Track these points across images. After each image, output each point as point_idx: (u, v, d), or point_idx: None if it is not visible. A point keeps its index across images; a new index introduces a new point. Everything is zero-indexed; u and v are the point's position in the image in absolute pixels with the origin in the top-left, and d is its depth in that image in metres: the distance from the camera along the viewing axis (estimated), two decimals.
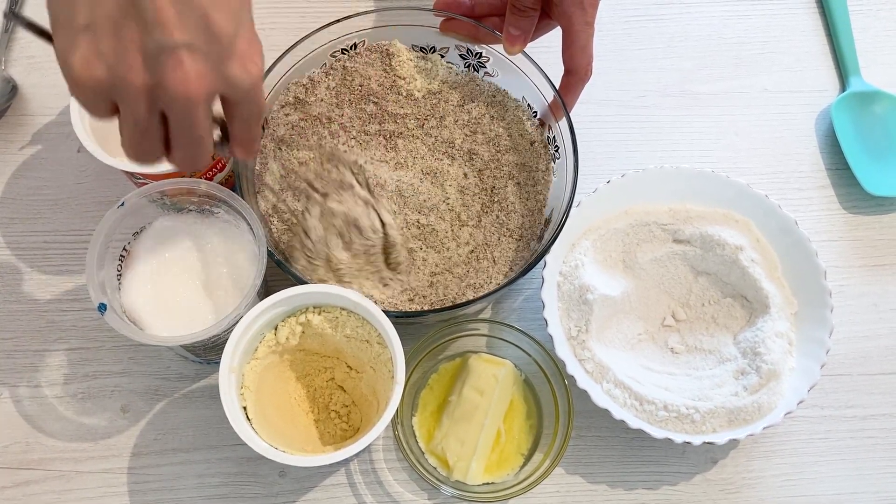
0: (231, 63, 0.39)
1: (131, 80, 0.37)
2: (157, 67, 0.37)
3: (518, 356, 0.60)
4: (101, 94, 0.38)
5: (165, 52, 0.37)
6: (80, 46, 0.37)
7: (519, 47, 0.60)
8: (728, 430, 0.57)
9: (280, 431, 0.54)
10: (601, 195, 0.63)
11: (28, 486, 0.58)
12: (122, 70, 0.37)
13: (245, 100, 0.41)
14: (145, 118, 0.39)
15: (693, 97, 0.73)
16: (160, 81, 0.37)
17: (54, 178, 0.67)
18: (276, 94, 0.62)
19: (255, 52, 0.41)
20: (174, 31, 0.37)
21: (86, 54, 0.37)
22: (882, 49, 0.76)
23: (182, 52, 0.37)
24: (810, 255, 0.61)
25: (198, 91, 0.38)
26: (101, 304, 0.51)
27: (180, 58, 0.37)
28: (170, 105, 0.38)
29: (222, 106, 0.42)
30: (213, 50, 0.38)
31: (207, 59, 0.38)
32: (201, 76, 0.38)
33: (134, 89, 0.37)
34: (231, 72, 0.39)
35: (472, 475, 0.56)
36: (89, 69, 0.37)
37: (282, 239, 0.59)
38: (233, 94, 0.40)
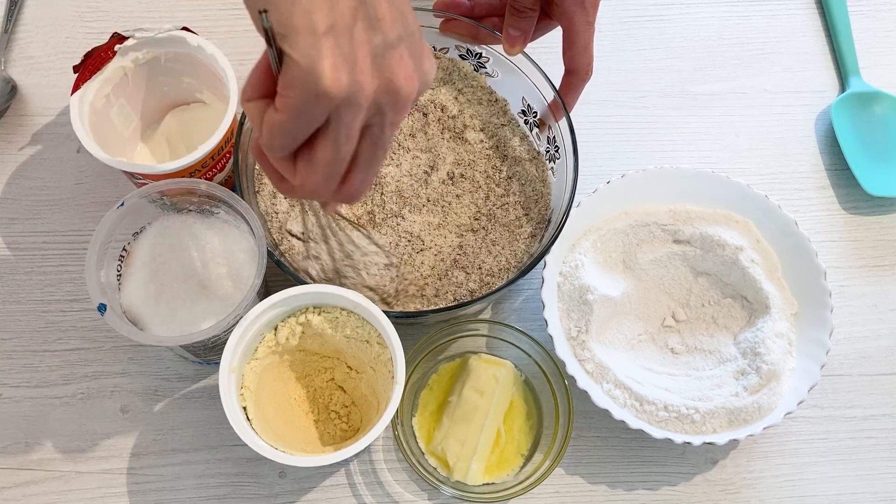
0: (424, 58, 0.37)
1: (365, 85, 0.35)
2: (384, 67, 0.35)
3: (518, 356, 0.60)
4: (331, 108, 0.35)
5: (389, 48, 0.35)
6: (327, 54, 0.34)
7: (519, 48, 0.60)
8: (728, 430, 0.57)
9: (280, 432, 0.54)
10: (601, 196, 0.63)
11: (28, 486, 0.58)
12: (357, 74, 0.35)
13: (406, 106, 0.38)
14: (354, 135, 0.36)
15: (693, 98, 0.73)
16: (385, 82, 0.35)
17: (54, 178, 0.67)
18: None
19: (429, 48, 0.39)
20: (393, 28, 0.35)
21: (333, 61, 0.34)
22: (882, 50, 0.76)
23: (402, 47, 0.35)
24: (810, 256, 0.61)
25: (413, 87, 0.36)
26: (100, 305, 0.51)
27: (401, 54, 0.35)
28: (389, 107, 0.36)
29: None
30: (415, 46, 0.37)
31: (412, 55, 0.36)
32: (412, 73, 0.36)
33: (364, 96, 0.35)
34: (425, 66, 0.37)
35: (472, 476, 0.56)
36: (338, 76, 0.34)
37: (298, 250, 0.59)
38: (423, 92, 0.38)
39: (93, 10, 0.73)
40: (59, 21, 0.72)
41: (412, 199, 0.61)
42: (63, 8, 0.72)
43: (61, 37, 0.72)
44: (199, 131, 0.64)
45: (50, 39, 0.71)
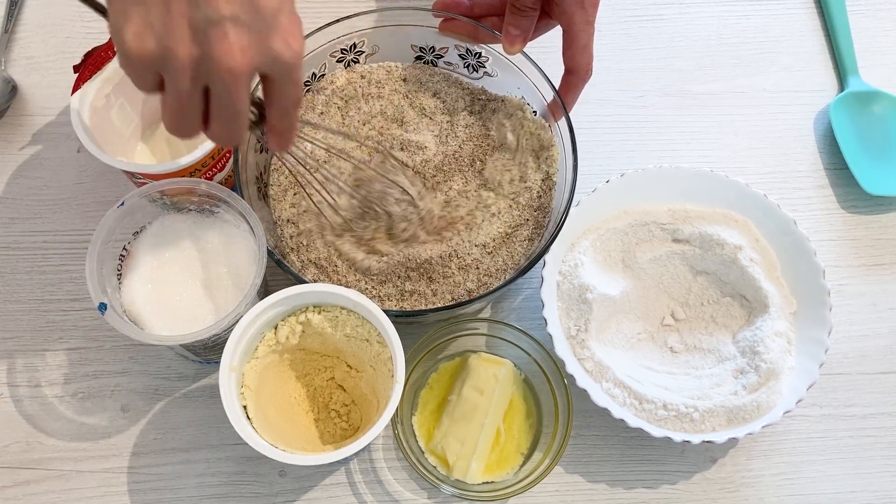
0: (274, 37, 0.40)
1: (178, 53, 0.38)
2: (203, 40, 0.38)
3: (518, 355, 0.60)
4: (149, 67, 0.39)
5: (212, 24, 0.38)
6: (133, 19, 0.38)
7: (518, 47, 0.60)
8: (727, 429, 0.57)
9: (280, 430, 0.55)
10: (600, 195, 0.63)
11: (28, 485, 0.58)
12: (170, 42, 0.38)
13: (285, 78, 0.42)
14: (188, 91, 0.40)
15: (692, 97, 0.73)
16: (206, 53, 0.38)
17: (54, 178, 0.67)
18: None
19: (297, 28, 0.41)
20: (221, 5, 0.38)
21: (138, 27, 0.38)
22: (880, 49, 0.76)
23: (227, 24, 0.38)
24: (809, 255, 0.61)
25: (241, 63, 0.39)
26: (101, 304, 0.51)
27: (226, 30, 0.38)
28: (213, 77, 0.39)
29: (262, 87, 0.43)
30: (257, 24, 0.39)
31: (251, 33, 0.39)
32: (245, 49, 0.39)
33: (180, 61, 0.38)
34: (274, 46, 0.40)
35: (472, 474, 0.56)
36: (141, 41, 0.38)
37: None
38: (274, 70, 0.41)
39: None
40: (59, 21, 0.72)
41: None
42: (63, 8, 0.73)
43: (61, 37, 0.72)
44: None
45: (50, 39, 0.72)
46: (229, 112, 0.41)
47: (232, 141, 0.44)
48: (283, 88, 0.42)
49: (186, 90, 0.40)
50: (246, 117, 0.42)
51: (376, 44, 0.65)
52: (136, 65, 0.39)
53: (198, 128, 0.43)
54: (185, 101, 0.40)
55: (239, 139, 0.44)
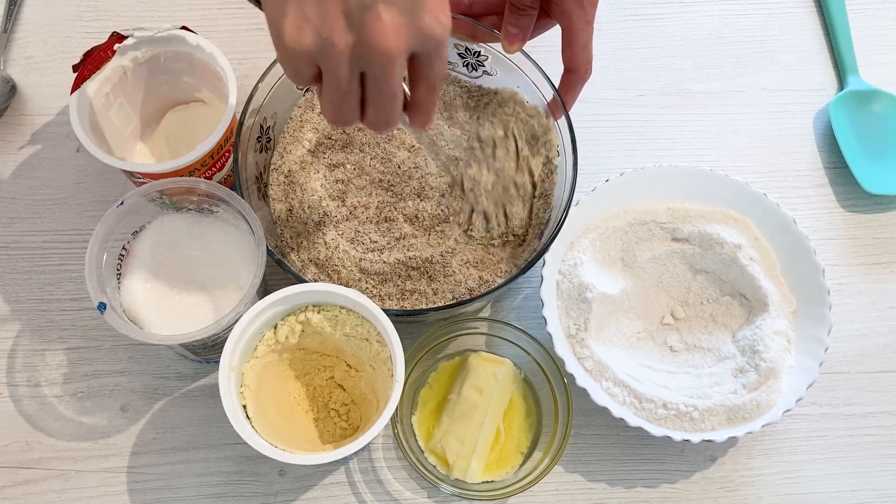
0: (424, 14, 0.40)
1: (335, 41, 0.39)
2: (359, 25, 0.39)
3: (517, 355, 0.60)
4: (308, 60, 0.40)
5: (366, 8, 0.38)
6: (290, 13, 0.39)
7: (517, 46, 0.60)
8: (727, 428, 0.57)
9: (280, 430, 0.55)
10: (600, 194, 0.63)
11: (28, 485, 0.58)
12: (326, 32, 0.39)
13: (434, 54, 0.42)
14: (347, 79, 0.41)
15: (691, 96, 0.73)
16: (362, 38, 0.39)
17: (53, 177, 0.67)
18: (276, 92, 0.62)
19: (445, 3, 0.41)
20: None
21: (295, 20, 0.39)
22: (880, 48, 0.76)
23: (380, 7, 0.38)
24: (809, 254, 0.61)
25: (397, 44, 0.39)
26: (100, 304, 0.51)
27: (379, 13, 0.38)
28: (370, 61, 0.40)
29: (408, 68, 0.43)
30: (407, 3, 0.39)
31: (402, 13, 0.39)
32: (399, 29, 0.39)
33: (338, 51, 0.39)
34: (424, 23, 0.40)
35: (472, 473, 0.56)
36: (300, 35, 0.39)
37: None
38: (425, 49, 0.41)
39: (92, 9, 0.73)
40: (58, 20, 0.72)
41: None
42: (62, 7, 0.72)
43: (60, 36, 0.72)
44: (198, 130, 0.64)
45: (49, 39, 0.72)
46: (386, 95, 0.42)
47: (389, 124, 0.44)
48: (431, 64, 0.42)
49: (345, 78, 0.41)
50: (400, 100, 0.43)
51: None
52: (296, 58, 0.40)
53: (357, 115, 0.44)
54: (344, 89, 0.41)
55: (395, 122, 0.44)
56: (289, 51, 0.40)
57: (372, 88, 0.42)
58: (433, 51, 0.42)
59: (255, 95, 0.58)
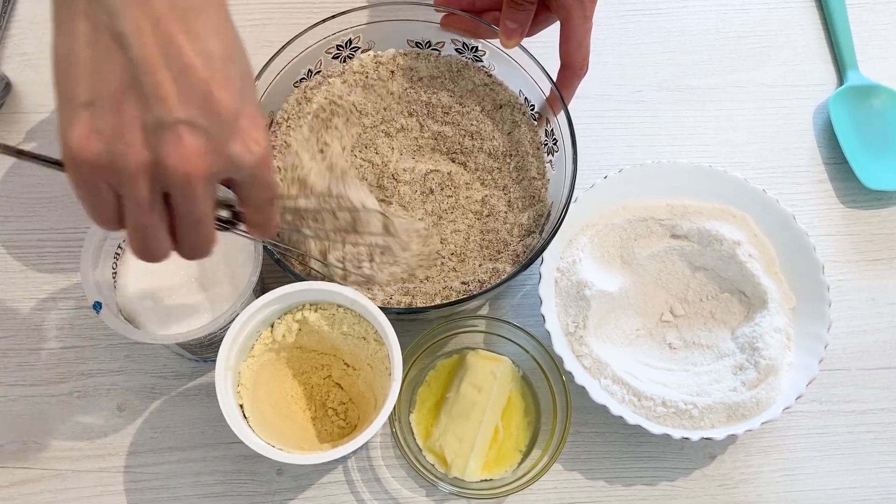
0: (233, 142, 0.38)
1: (130, 157, 0.36)
2: (156, 144, 0.36)
3: (516, 352, 0.60)
4: (98, 173, 0.36)
5: (165, 127, 0.36)
6: (79, 123, 0.36)
7: (515, 41, 0.60)
8: (726, 425, 0.57)
9: (277, 429, 0.54)
10: (598, 191, 0.63)
11: (24, 485, 0.58)
12: (120, 147, 0.36)
13: (252, 181, 0.40)
14: (147, 200, 0.37)
15: (690, 92, 0.73)
16: (160, 158, 0.36)
17: (49, 175, 0.66)
18: (272, 90, 0.61)
19: (258, 131, 0.39)
20: (175, 108, 0.35)
21: (83, 131, 0.36)
22: (880, 43, 0.75)
23: (182, 128, 0.36)
24: (808, 250, 0.61)
25: (197, 168, 0.37)
26: (96, 303, 0.51)
27: (180, 134, 0.36)
28: (170, 183, 0.37)
29: (234, 190, 0.41)
30: (215, 127, 0.37)
31: (208, 137, 0.37)
32: (201, 153, 0.36)
33: (133, 167, 0.36)
34: (233, 150, 0.38)
35: (470, 472, 0.56)
36: (87, 144, 0.36)
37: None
38: (237, 175, 0.39)
39: None
40: None
41: (410, 197, 0.61)
42: None
43: None
44: None
45: (44, 36, 0.71)
46: (192, 219, 0.39)
47: (202, 252, 0.41)
48: (251, 191, 0.40)
49: (145, 199, 0.37)
50: (210, 223, 0.40)
51: (372, 39, 0.64)
52: (85, 171, 0.36)
53: (168, 246, 0.40)
54: (146, 212, 0.38)
55: (208, 248, 0.41)
56: (77, 161, 0.36)
57: (177, 213, 0.39)
58: (249, 178, 0.39)
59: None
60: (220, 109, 0.37)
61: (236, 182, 0.40)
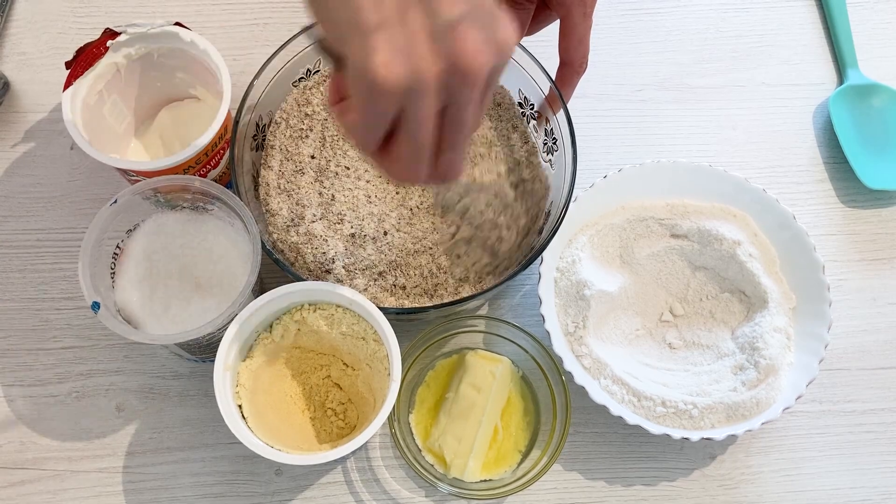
0: (500, 28, 0.37)
1: (426, 72, 0.35)
2: (448, 48, 0.35)
3: (515, 352, 0.60)
4: (394, 102, 0.36)
5: (451, 28, 0.35)
6: (380, 48, 0.34)
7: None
8: (726, 425, 0.57)
9: (276, 430, 0.54)
10: (598, 190, 0.63)
11: (23, 485, 0.58)
12: (417, 62, 0.35)
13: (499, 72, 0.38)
14: (433, 116, 0.37)
15: (690, 91, 0.73)
16: (451, 62, 0.35)
17: (47, 175, 0.66)
18: (272, 89, 0.61)
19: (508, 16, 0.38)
20: (453, 5, 0.35)
21: (387, 55, 0.34)
22: (880, 42, 0.75)
23: (464, 24, 0.35)
24: (808, 250, 0.61)
25: (486, 62, 0.36)
26: (94, 303, 0.51)
27: (464, 31, 0.35)
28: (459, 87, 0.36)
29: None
30: (484, 17, 0.36)
31: (483, 28, 0.36)
32: (484, 46, 0.35)
33: (428, 83, 0.35)
34: (501, 37, 0.37)
35: (470, 472, 0.56)
36: (392, 68, 0.34)
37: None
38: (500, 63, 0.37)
39: (85, 5, 0.72)
40: (51, 17, 0.71)
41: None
42: (55, 3, 0.72)
43: (53, 32, 0.71)
44: (192, 127, 0.64)
45: (42, 35, 0.71)
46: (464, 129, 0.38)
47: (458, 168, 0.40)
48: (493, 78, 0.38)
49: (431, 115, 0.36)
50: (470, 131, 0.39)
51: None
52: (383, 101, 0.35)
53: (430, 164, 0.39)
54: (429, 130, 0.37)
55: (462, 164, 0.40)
56: (377, 91, 0.35)
57: (453, 119, 0.38)
58: (504, 64, 0.38)
59: (251, 93, 0.58)
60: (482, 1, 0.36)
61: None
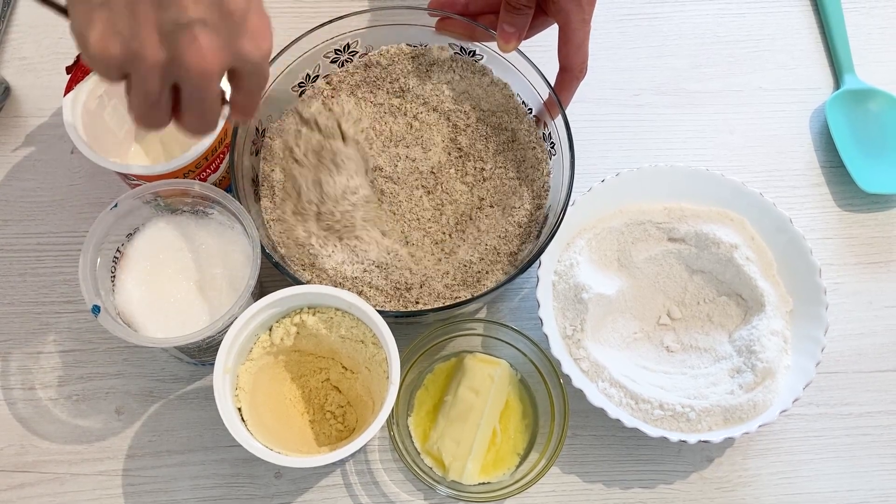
0: (243, 39, 0.40)
1: (146, 56, 0.38)
2: (172, 43, 0.38)
3: (514, 356, 0.60)
4: (115, 68, 0.39)
5: (181, 28, 0.38)
6: (97, 23, 0.38)
7: (513, 45, 0.60)
8: (724, 428, 0.57)
9: (275, 432, 0.54)
10: (596, 194, 0.63)
11: (23, 488, 0.58)
12: (136, 46, 0.38)
13: (254, 72, 0.42)
14: (156, 90, 0.40)
15: (687, 95, 0.73)
16: (176, 57, 0.39)
17: (47, 179, 0.66)
18: (271, 94, 0.62)
19: (265, 28, 0.42)
20: (188, 8, 0.38)
21: (102, 31, 0.38)
22: (876, 46, 0.76)
23: (197, 27, 0.38)
24: (805, 253, 0.61)
25: (212, 65, 0.39)
26: (94, 306, 0.51)
27: (195, 34, 0.38)
28: (184, 79, 0.40)
29: (228, 77, 0.43)
30: (226, 26, 0.39)
31: (220, 35, 0.39)
32: (215, 51, 0.39)
33: (148, 64, 0.38)
34: (243, 47, 0.40)
35: (468, 475, 0.56)
36: (105, 45, 0.38)
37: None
38: (243, 68, 0.42)
39: None
40: (51, 21, 0.72)
41: (408, 197, 0.61)
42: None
43: (54, 37, 0.71)
44: None
45: (43, 40, 0.71)
46: (202, 107, 0.42)
47: (206, 131, 0.44)
48: (250, 79, 0.43)
49: (155, 90, 0.40)
50: (218, 108, 0.43)
51: (370, 44, 0.65)
52: (101, 66, 0.39)
53: (166, 121, 0.43)
54: (154, 99, 0.40)
55: (212, 128, 0.44)
56: (95, 59, 0.39)
57: (187, 101, 0.42)
58: (253, 70, 0.42)
59: None
60: (231, 8, 0.39)
61: (237, 72, 0.42)
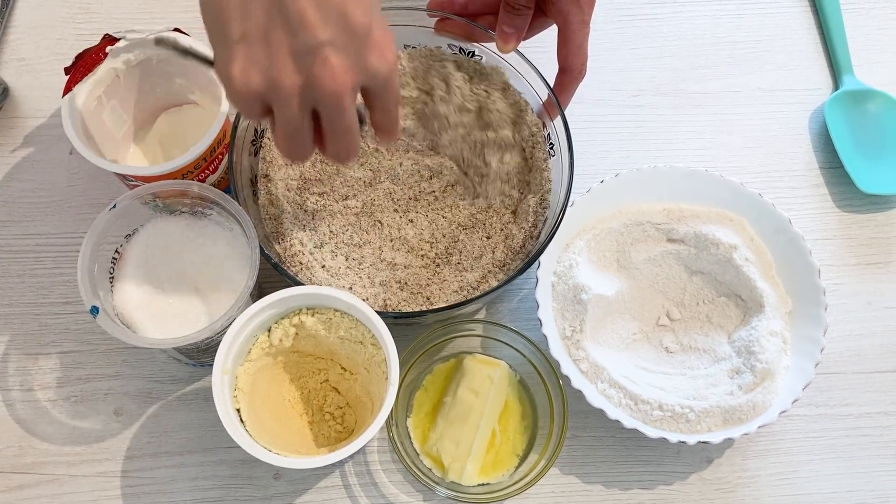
0: (370, 54, 0.41)
1: (283, 83, 0.40)
2: (306, 67, 0.40)
3: (513, 357, 0.60)
4: (257, 100, 0.41)
5: (312, 52, 0.39)
6: (237, 58, 0.40)
7: (512, 45, 0.60)
8: (723, 429, 0.57)
9: (274, 433, 0.54)
10: (595, 195, 0.63)
11: (21, 490, 0.58)
12: (274, 73, 0.40)
13: (384, 88, 0.43)
14: (297, 117, 0.42)
15: (686, 96, 0.73)
16: (310, 80, 0.40)
17: (46, 180, 0.66)
18: None
19: (388, 40, 0.43)
20: (317, 31, 0.39)
21: (242, 64, 0.40)
22: (875, 47, 0.76)
23: (327, 49, 0.40)
24: (804, 254, 0.61)
25: (345, 84, 0.41)
26: (93, 307, 0.51)
27: (326, 55, 0.40)
28: (320, 101, 0.41)
29: (363, 96, 0.44)
30: (353, 44, 0.40)
31: (349, 54, 0.40)
32: (346, 70, 0.40)
33: (287, 91, 0.40)
34: (370, 63, 0.41)
35: (468, 476, 0.56)
36: (247, 77, 0.40)
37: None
38: (373, 84, 0.43)
39: (84, 11, 0.72)
40: (50, 22, 0.72)
41: (405, 195, 0.61)
42: (55, 9, 0.72)
43: (53, 38, 0.71)
44: (191, 132, 0.64)
45: (41, 41, 0.71)
46: (341, 128, 0.43)
47: (350, 156, 0.45)
48: (382, 95, 0.44)
49: (296, 116, 0.42)
50: (357, 130, 0.44)
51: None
52: (246, 100, 0.41)
53: (311, 149, 0.45)
54: (296, 126, 0.42)
55: (355, 152, 0.45)
56: (239, 94, 0.41)
57: (327, 124, 0.43)
58: (382, 85, 0.43)
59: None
60: (355, 26, 0.40)
61: (369, 90, 0.43)
